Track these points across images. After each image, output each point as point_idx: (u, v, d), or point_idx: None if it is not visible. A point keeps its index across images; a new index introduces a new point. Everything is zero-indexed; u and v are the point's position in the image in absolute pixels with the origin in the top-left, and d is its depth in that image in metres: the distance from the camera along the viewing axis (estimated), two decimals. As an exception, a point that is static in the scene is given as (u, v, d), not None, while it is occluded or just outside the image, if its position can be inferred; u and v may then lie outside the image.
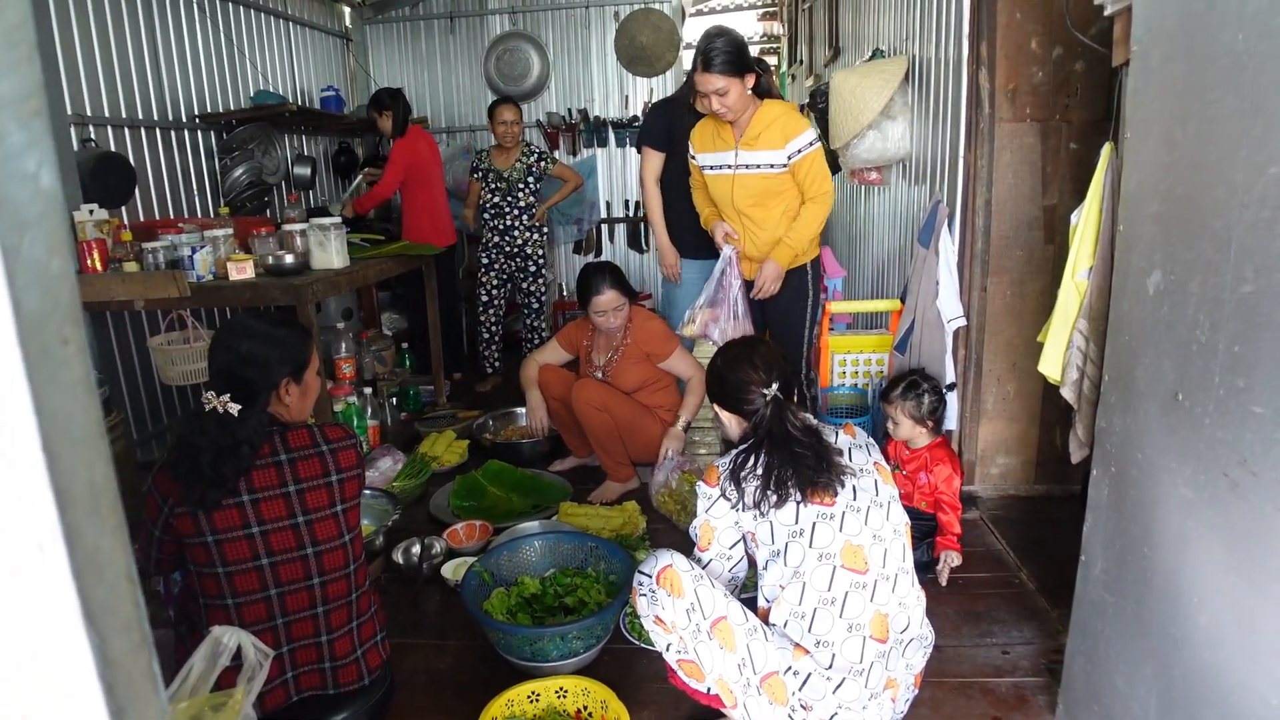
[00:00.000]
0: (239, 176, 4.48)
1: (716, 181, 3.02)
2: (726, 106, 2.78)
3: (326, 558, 1.76)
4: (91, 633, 0.35)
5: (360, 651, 1.84)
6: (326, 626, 1.78)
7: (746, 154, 2.90)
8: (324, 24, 5.74)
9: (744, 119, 2.88)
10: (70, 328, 0.34)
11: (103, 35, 3.66)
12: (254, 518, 1.68)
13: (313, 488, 1.75)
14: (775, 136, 2.85)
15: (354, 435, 1.86)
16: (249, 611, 1.70)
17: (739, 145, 2.91)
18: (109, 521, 0.36)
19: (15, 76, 0.31)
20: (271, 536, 1.70)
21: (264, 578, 1.70)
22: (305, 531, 1.73)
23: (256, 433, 1.69)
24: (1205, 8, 1.21)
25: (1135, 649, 1.47)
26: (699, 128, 3.08)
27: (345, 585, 1.81)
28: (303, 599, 1.74)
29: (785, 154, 2.85)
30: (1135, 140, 1.46)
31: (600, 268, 3.21)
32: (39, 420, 0.32)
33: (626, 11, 5.90)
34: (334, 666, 1.79)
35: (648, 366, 3.27)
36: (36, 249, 0.32)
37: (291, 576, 1.72)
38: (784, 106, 2.93)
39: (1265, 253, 1.07)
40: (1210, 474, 1.21)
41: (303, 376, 1.84)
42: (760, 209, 2.97)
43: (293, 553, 1.72)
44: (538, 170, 4.62)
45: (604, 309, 3.15)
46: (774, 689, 1.65)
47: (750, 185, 2.93)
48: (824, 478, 1.69)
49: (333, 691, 1.80)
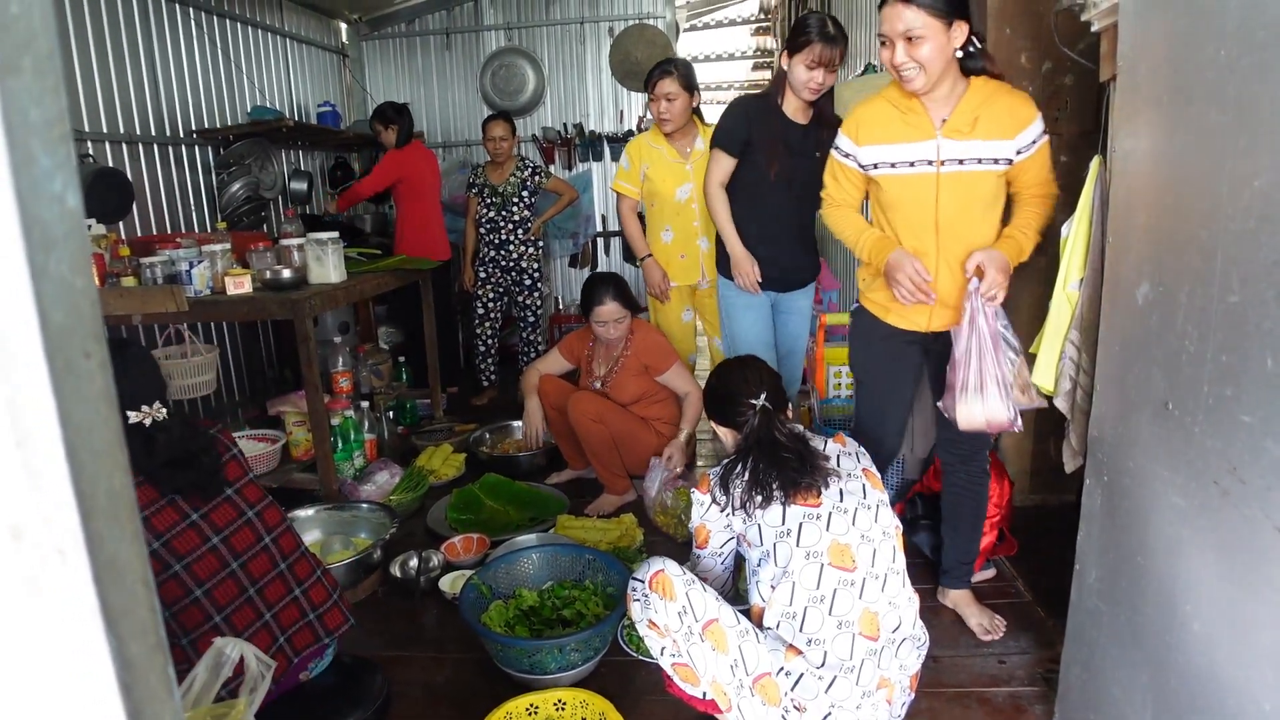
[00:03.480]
0: (236, 191, 4.50)
1: (908, 185, 2.11)
2: (918, 61, 1.94)
3: (235, 539, 1.84)
4: (110, 636, 0.36)
5: (313, 615, 1.92)
6: (265, 604, 1.83)
7: (955, 145, 2.04)
8: (321, 40, 5.78)
9: (938, 95, 2.05)
10: (92, 343, 0.36)
11: (101, 52, 3.68)
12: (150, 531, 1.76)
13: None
14: (1001, 122, 2.01)
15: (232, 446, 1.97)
16: (185, 618, 1.73)
17: (942, 133, 2.05)
18: (127, 529, 0.38)
19: (45, 104, 0.33)
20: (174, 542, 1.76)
21: (184, 583, 1.75)
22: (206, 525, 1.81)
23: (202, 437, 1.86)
24: (1189, 23, 1.24)
25: (1130, 657, 1.48)
26: (863, 111, 2.17)
27: (266, 560, 1.87)
28: (230, 589, 1.79)
29: (1015, 146, 2.02)
30: (1123, 153, 1.49)
31: (604, 279, 3.27)
32: (64, 431, 0.34)
33: (621, 27, 5.96)
34: (287, 637, 1.84)
35: (647, 379, 3.30)
36: (62, 267, 0.34)
37: (209, 570, 1.78)
38: (999, 83, 2.07)
39: (1251, 263, 1.09)
40: (1201, 482, 1.23)
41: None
42: (965, 223, 2.08)
43: (200, 549, 1.79)
44: (532, 184, 4.65)
45: (605, 319, 3.20)
46: (767, 690, 1.68)
47: (961, 189, 2.07)
48: (807, 479, 1.78)
49: (295, 660, 1.84)
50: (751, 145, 2.83)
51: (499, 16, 6.09)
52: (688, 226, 3.39)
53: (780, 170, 2.81)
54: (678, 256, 3.42)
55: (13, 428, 0.33)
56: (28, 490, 0.34)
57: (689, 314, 3.59)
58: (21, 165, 0.32)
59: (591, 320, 3.25)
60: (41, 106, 0.33)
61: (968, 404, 2.02)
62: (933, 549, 2.66)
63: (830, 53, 2.63)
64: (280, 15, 5.26)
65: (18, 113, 0.32)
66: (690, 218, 3.38)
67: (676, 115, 3.27)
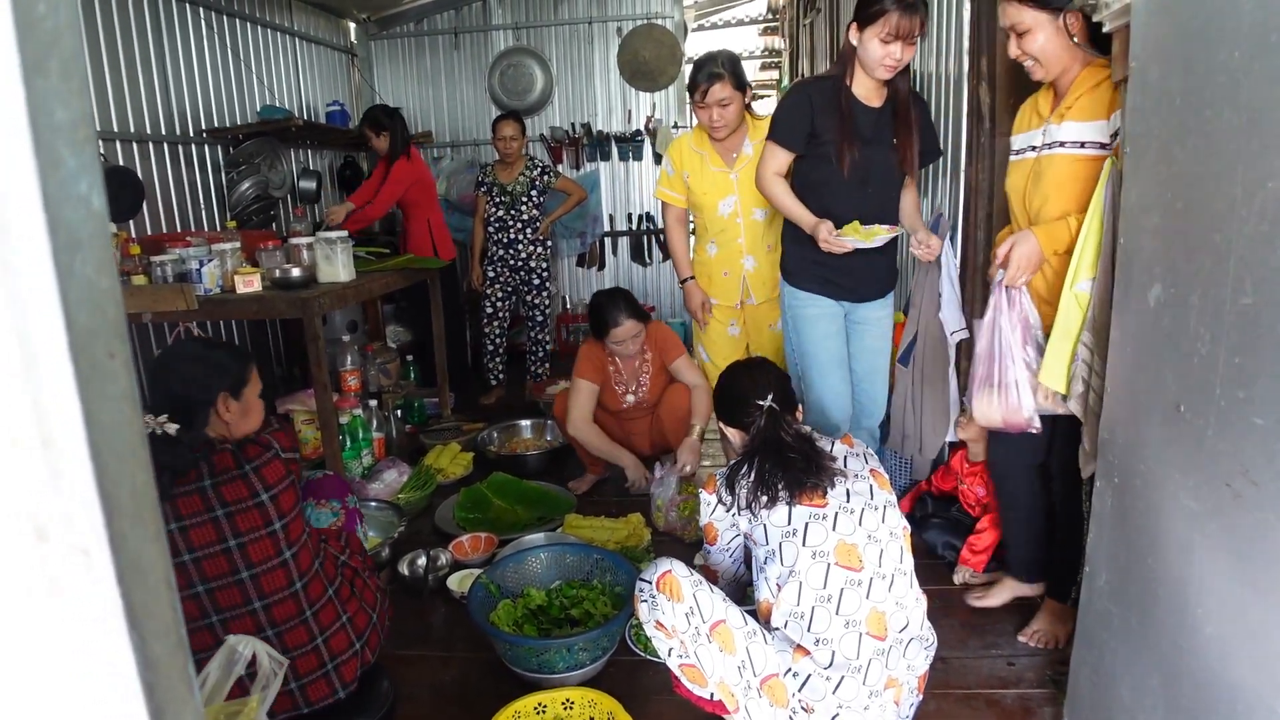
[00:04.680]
0: (245, 190, 4.51)
1: (1013, 172, 2.09)
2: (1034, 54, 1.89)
3: (264, 580, 1.73)
4: (134, 635, 0.36)
5: (330, 665, 1.81)
6: (281, 648, 1.73)
7: (1056, 128, 1.95)
8: (329, 40, 5.80)
9: (1065, 80, 1.95)
10: (117, 343, 0.36)
11: (112, 51, 3.70)
12: (184, 545, 1.67)
13: (241, 510, 1.70)
14: (1099, 102, 1.88)
15: (272, 447, 1.81)
16: (195, 640, 1.66)
17: (1051, 117, 1.97)
18: (150, 528, 0.38)
19: (70, 105, 0.33)
20: (204, 564, 1.68)
21: (202, 605, 1.69)
22: (238, 555, 1.70)
23: (180, 457, 1.67)
24: (1202, 25, 1.23)
25: (1141, 660, 1.48)
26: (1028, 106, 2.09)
27: (292, 605, 1.77)
28: (247, 624, 1.71)
29: (1111, 128, 1.85)
30: (1135, 154, 1.48)
31: (612, 297, 3.13)
32: (89, 431, 0.34)
33: (629, 27, 5.96)
34: (299, 685, 1.78)
35: (666, 371, 3.33)
36: (87, 268, 0.34)
37: (230, 602, 1.71)
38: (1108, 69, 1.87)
39: (1264, 265, 1.09)
40: (1213, 485, 1.22)
41: (242, 394, 1.86)
42: (1056, 211, 1.98)
43: (227, 578, 1.70)
44: (541, 184, 4.65)
45: (623, 339, 3.09)
46: (774, 691, 1.68)
47: (1055, 173, 1.95)
48: (812, 479, 1.78)
49: (306, 710, 1.78)
50: (818, 137, 2.48)
51: (507, 16, 6.10)
52: (731, 244, 3.08)
53: (853, 164, 2.44)
54: (720, 274, 3.14)
55: (38, 428, 0.34)
56: (52, 491, 0.34)
57: (734, 329, 3.25)
58: (48, 167, 0.32)
59: (608, 342, 3.11)
60: (68, 108, 0.33)
61: (985, 400, 2.00)
62: (943, 546, 2.66)
63: (909, 22, 2.31)
64: (289, 15, 5.28)
65: (45, 114, 0.32)
66: (734, 234, 3.06)
67: (731, 121, 2.91)
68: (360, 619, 1.91)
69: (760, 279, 3.08)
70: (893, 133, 2.48)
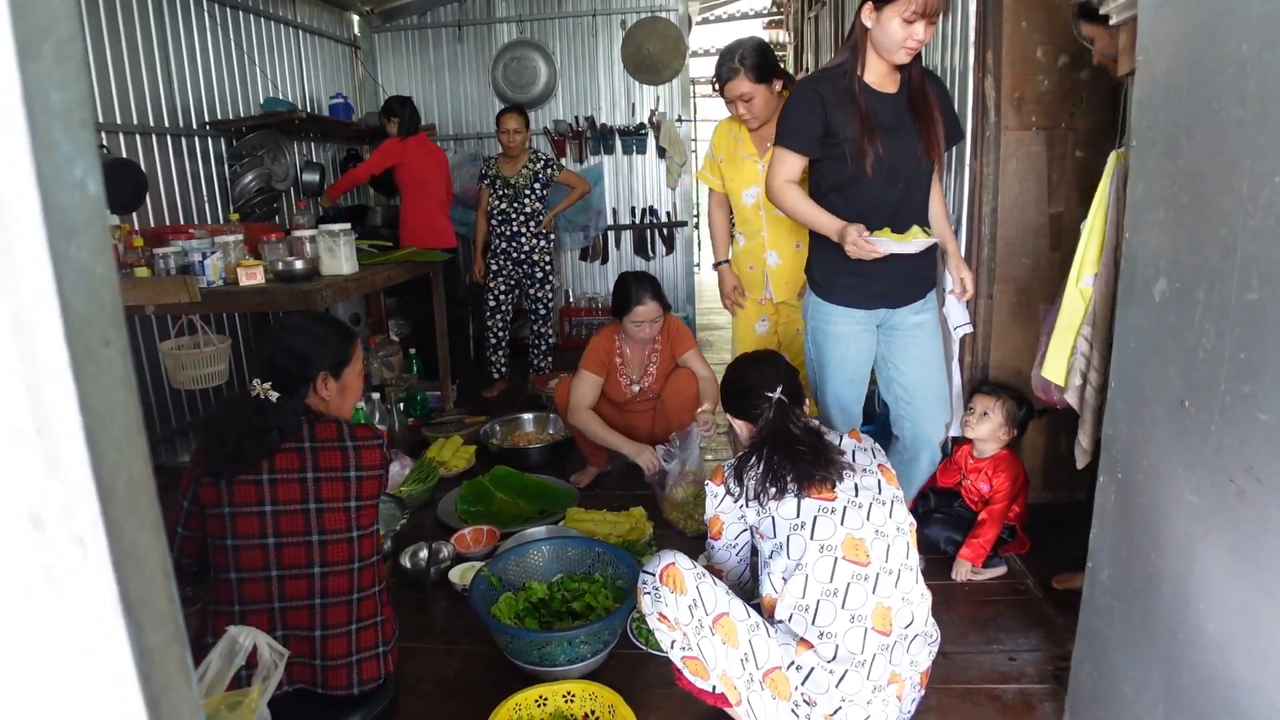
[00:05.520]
0: (249, 183, 4.51)
1: None
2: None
3: (330, 548, 1.80)
4: (130, 625, 0.36)
5: (355, 658, 1.83)
6: (321, 621, 1.79)
7: None
8: (333, 32, 5.78)
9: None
10: (112, 330, 0.36)
11: (115, 43, 3.69)
12: (269, 496, 1.75)
13: (330, 478, 1.80)
14: None
15: (380, 437, 1.91)
16: (249, 589, 1.74)
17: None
18: (147, 518, 0.38)
19: (65, 89, 0.33)
20: (281, 518, 1.76)
21: (267, 556, 1.75)
22: (314, 518, 1.78)
23: (287, 420, 1.78)
24: (1210, 18, 1.22)
25: (1142, 655, 1.47)
26: None
27: (346, 581, 1.82)
28: (301, 586, 1.77)
29: None
30: (1141, 148, 1.47)
31: (639, 277, 3.16)
32: (84, 419, 0.34)
33: (633, 20, 5.94)
34: (324, 665, 1.80)
35: (673, 364, 3.34)
36: (83, 253, 0.34)
37: (294, 560, 1.77)
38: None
39: (1271, 260, 1.08)
40: (1217, 481, 1.22)
41: (341, 374, 1.92)
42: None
43: (298, 536, 1.77)
44: (544, 177, 4.65)
45: (644, 319, 3.12)
46: (777, 684, 1.68)
47: None
48: (821, 472, 1.78)
49: (320, 691, 1.80)
50: (834, 136, 2.24)
51: (511, 9, 6.08)
52: (755, 236, 2.98)
53: (876, 159, 2.20)
54: (746, 267, 3.06)
55: (33, 416, 0.33)
56: (48, 479, 0.34)
57: (764, 325, 3.12)
58: (43, 150, 0.32)
59: (627, 320, 3.13)
60: (63, 91, 0.32)
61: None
62: (945, 541, 2.66)
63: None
64: (293, 7, 5.27)
65: (39, 97, 0.32)
66: (757, 226, 2.96)
67: (759, 113, 2.79)
68: (387, 629, 1.95)
69: (782, 277, 2.98)
70: (913, 118, 2.26)
